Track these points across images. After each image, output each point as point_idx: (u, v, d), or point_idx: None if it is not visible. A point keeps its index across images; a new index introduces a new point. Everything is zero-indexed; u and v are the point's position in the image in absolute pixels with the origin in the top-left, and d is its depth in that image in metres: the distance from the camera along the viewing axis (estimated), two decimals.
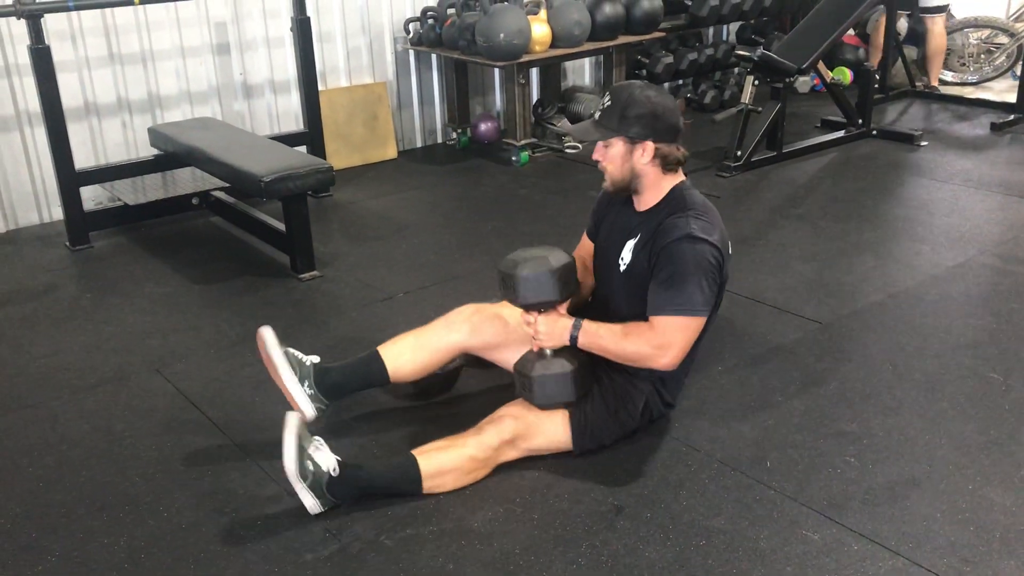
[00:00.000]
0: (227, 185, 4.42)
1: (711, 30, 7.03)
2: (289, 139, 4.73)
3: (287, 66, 5.15)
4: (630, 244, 2.53)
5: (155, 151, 4.58)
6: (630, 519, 2.32)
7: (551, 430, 2.50)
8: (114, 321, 3.54)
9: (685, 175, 2.56)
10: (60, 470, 2.60)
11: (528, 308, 2.44)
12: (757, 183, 4.97)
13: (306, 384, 2.58)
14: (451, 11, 5.35)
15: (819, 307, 3.48)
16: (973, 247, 3.99)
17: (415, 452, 2.42)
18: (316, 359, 2.67)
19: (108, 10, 4.51)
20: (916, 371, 3.01)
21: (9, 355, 3.30)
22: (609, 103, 2.45)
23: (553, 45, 5.30)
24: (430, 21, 5.39)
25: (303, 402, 2.55)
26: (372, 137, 5.52)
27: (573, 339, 2.42)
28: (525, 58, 5.13)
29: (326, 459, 2.32)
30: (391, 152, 5.62)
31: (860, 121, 5.67)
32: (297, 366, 2.59)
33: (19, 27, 4.11)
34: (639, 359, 2.42)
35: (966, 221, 4.30)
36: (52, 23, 4.31)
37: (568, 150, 5.59)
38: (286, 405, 2.88)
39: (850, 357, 3.10)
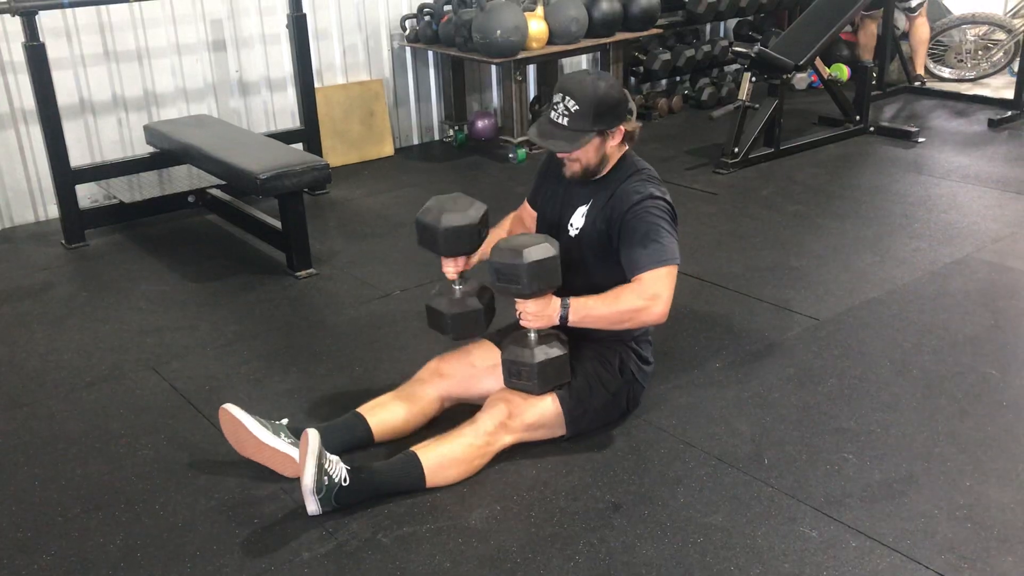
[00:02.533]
0: (223, 183, 4.40)
1: (708, 26, 7.03)
2: (285, 136, 4.72)
3: (283, 63, 5.14)
4: (582, 210, 2.62)
5: (151, 149, 4.57)
6: (627, 516, 2.32)
7: (540, 401, 2.54)
8: (110, 319, 3.53)
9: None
10: (55, 468, 2.60)
11: (530, 296, 2.44)
12: (754, 180, 4.96)
13: (282, 435, 2.46)
14: (448, 8, 5.34)
15: (817, 304, 3.47)
16: (971, 243, 3.99)
17: (414, 448, 2.44)
18: (285, 421, 2.57)
19: (103, 7, 4.50)
20: (914, 367, 3.00)
21: (5, 353, 3.29)
22: (576, 107, 2.46)
23: (550, 42, 5.29)
24: (427, 18, 5.38)
25: (287, 449, 2.41)
26: (369, 134, 5.51)
27: (563, 318, 2.46)
28: (522, 55, 5.12)
29: (338, 471, 2.32)
30: (388, 149, 5.61)
31: (857, 117, 5.66)
32: (269, 426, 2.46)
33: (14, 24, 4.10)
34: (633, 315, 2.47)
35: (963, 218, 4.30)
36: (47, 20, 4.30)
37: None
38: (283, 400, 2.88)
39: (848, 354, 3.10)
